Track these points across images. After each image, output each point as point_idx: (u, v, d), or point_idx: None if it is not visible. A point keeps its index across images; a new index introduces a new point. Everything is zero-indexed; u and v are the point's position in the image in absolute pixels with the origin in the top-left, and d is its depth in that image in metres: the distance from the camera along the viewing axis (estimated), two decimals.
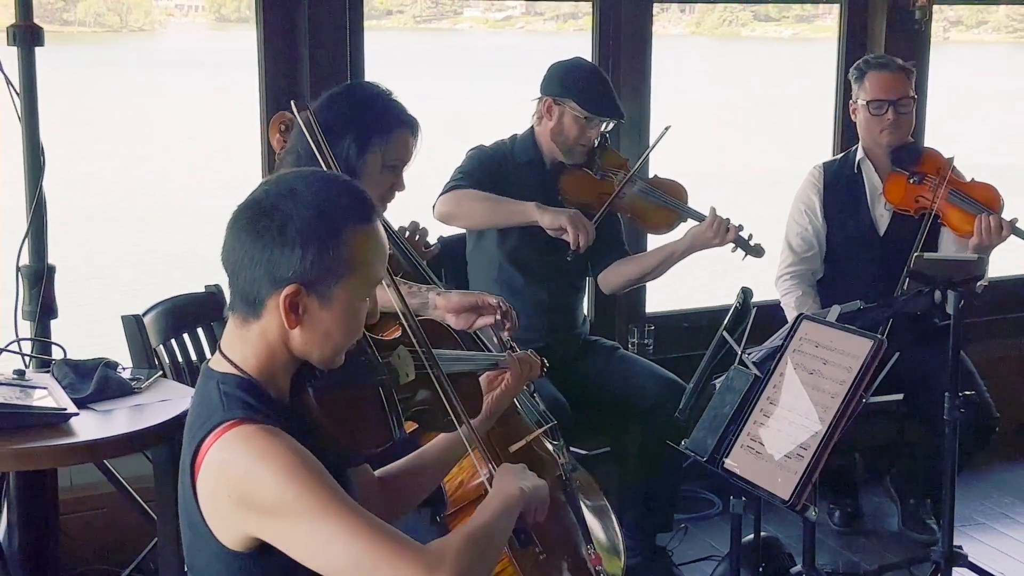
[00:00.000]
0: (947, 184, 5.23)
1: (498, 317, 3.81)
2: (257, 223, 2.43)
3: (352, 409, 2.65)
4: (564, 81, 4.89)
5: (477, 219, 4.89)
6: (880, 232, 5.39)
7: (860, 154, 5.45)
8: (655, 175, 5.32)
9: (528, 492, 2.74)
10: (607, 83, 4.96)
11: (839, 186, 5.47)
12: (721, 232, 4.91)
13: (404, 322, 3.02)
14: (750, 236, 5.02)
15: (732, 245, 4.97)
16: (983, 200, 5.20)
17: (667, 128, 5.02)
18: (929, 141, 5.28)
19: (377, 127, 3.68)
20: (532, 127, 5.00)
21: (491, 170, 4.90)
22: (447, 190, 4.82)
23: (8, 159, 4.56)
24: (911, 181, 5.28)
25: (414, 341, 3.03)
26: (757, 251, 5.05)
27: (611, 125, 5.01)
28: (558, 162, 4.98)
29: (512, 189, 4.88)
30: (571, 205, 4.91)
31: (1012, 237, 5.06)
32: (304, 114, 3.21)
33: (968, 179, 5.33)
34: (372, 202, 2.55)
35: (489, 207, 4.82)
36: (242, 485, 2.34)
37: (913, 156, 5.36)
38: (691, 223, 5.03)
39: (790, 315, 5.15)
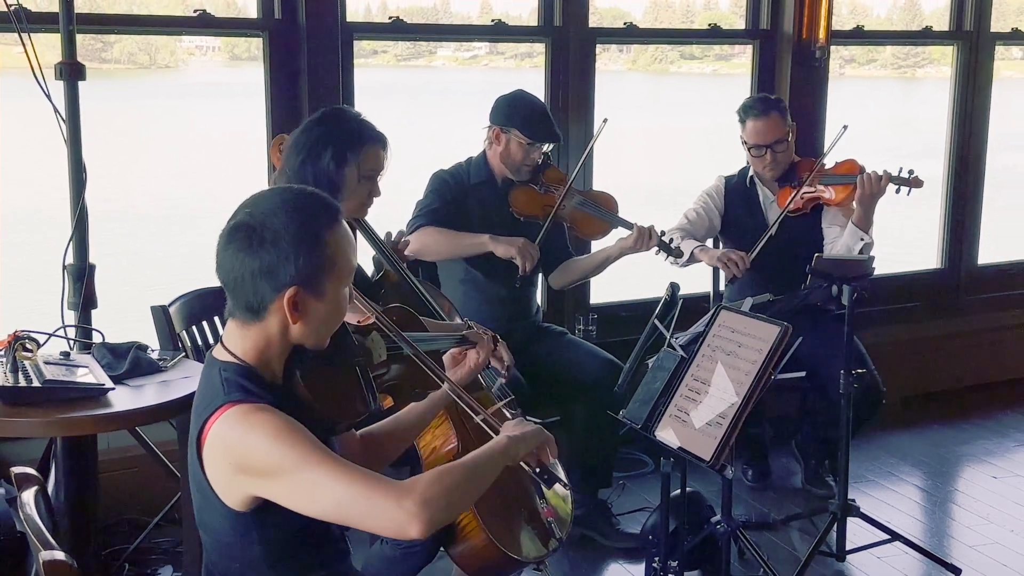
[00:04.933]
0: (818, 175, 5.34)
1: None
2: (251, 242, 2.41)
3: (334, 386, 2.66)
4: (508, 112, 4.88)
5: (444, 253, 4.86)
6: (772, 230, 5.39)
7: (751, 172, 5.50)
8: (590, 188, 5.33)
9: (517, 438, 2.63)
10: (546, 112, 4.95)
11: (737, 193, 5.52)
12: (645, 240, 4.92)
13: (376, 313, 3.04)
14: (671, 240, 5.07)
15: (656, 248, 4.99)
16: (847, 171, 5.33)
17: (605, 121, 5.00)
18: (829, 163, 5.31)
19: (351, 144, 3.68)
20: (484, 151, 4.99)
21: (450, 195, 4.89)
22: (413, 229, 4.77)
23: (56, 175, 4.54)
24: (795, 186, 5.35)
25: (385, 327, 3.06)
26: (677, 253, 5.09)
27: (551, 147, 5.01)
28: (508, 180, 4.97)
29: (470, 206, 4.90)
30: (520, 216, 4.93)
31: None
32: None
33: (832, 164, 5.40)
34: (336, 204, 2.54)
35: (450, 242, 4.80)
36: (240, 454, 2.35)
37: (791, 171, 5.43)
38: (622, 230, 5.04)
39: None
